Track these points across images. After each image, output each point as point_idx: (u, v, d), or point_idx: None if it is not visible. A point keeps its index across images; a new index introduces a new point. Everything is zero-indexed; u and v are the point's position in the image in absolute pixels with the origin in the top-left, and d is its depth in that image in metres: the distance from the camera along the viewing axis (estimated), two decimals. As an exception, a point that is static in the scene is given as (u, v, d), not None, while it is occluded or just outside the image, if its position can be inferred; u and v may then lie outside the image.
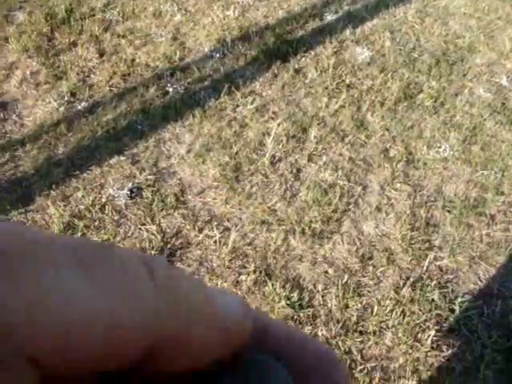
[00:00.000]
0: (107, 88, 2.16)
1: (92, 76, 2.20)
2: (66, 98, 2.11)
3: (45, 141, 1.97)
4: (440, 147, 2.04)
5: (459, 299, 1.65)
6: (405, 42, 2.43)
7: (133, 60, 2.26)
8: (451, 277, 1.71)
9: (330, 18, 2.53)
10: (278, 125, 2.04)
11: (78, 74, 2.20)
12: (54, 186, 1.83)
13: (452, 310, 1.63)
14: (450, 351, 1.55)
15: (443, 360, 1.54)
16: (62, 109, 2.08)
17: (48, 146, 1.96)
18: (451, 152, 2.03)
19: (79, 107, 2.09)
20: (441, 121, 2.13)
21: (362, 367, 1.50)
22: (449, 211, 1.85)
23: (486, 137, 2.09)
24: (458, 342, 1.57)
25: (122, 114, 2.07)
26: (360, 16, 2.54)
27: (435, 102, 2.20)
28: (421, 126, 2.11)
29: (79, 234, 1.68)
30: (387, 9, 2.61)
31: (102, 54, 2.28)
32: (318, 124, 2.07)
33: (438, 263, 1.73)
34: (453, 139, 2.07)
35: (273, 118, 2.07)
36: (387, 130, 2.08)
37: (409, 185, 1.92)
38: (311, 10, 2.54)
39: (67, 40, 2.32)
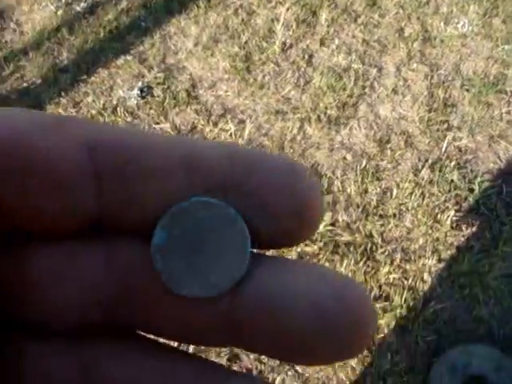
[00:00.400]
0: (105, -15, 2.06)
1: (87, -26, 2.10)
2: (63, 0, 2.03)
3: (47, 47, 1.93)
4: (458, 23, 1.94)
5: (478, 179, 1.64)
6: None
7: (128, -47, 2.14)
8: (470, 157, 1.69)
9: None
10: (287, 9, 1.95)
11: (72, -28, 2.10)
12: (63, 93, 1.81)
13: (471, 190, 1.63)
14: (469, 230, 1.57)
15: (462, 239, 1.56)
16: (60, 12, 2.00)
17: (52, 53, 1.91)
18: (470, 27, 1.93)
19: (78, 9, 2.01)
20: (459, -6, 2.01)
21: (382, 250, 1.54)
22: (467, 90, 1.80)
23: (509, 7, 1.97)
24: (477, 221, 1.58)
25: (123, 11, 1.99)
26: None
27: (452, -27, 2.06)
28: (437, 1, 1.99)
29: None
30: None
31: None
32: (329, 5, 1.97)
33: (456, 144, 1.71)
34: (472, 13, 1.96)
35: (281, 3, 1.97)
36: (401, 7, 1.97)
37: (425, 64, 1.85)
38: None
39: None
